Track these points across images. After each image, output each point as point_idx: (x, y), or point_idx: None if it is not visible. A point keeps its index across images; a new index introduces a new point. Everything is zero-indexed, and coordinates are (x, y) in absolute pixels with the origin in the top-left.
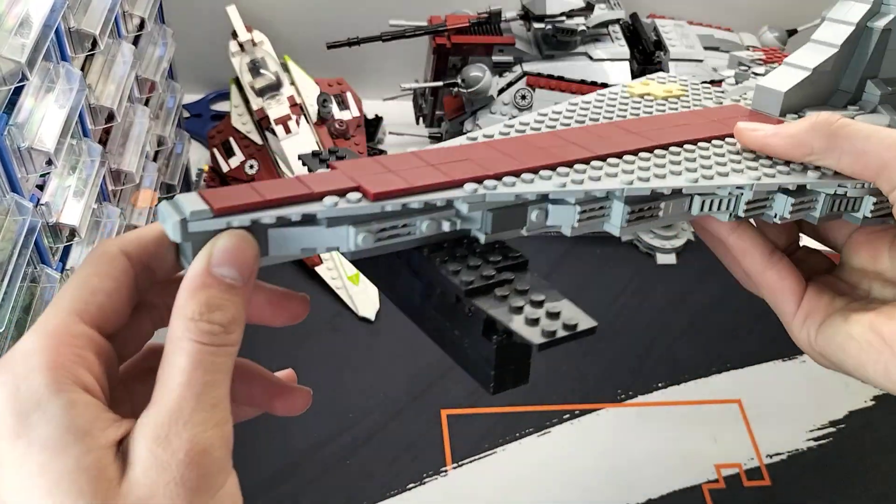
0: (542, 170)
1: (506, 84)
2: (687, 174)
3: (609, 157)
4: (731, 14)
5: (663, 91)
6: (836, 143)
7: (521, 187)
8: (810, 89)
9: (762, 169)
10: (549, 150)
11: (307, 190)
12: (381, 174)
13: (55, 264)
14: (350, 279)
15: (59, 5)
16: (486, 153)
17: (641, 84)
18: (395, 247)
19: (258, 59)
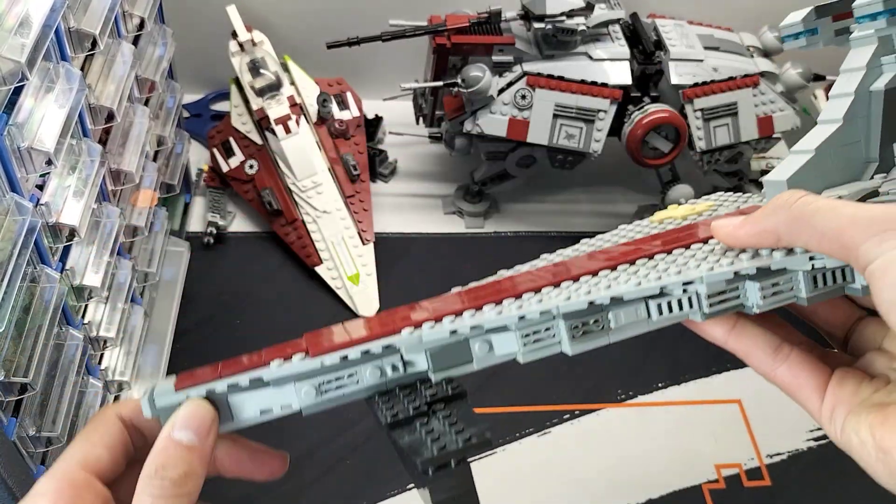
0: (486, 305)
1: (506, 84)
2: (633, 280)
3: (563, 282)
4: (732, 14)
5: (687, 211)
6: (799, 226)
7: (455, 324)
8: (824, 170)
9: (724, 261)
10: (506, 287)
11: (259, 359)
12: (330, 335)
13: (55, 264)
14: (350, 279)
15: (58, 5)
16: (440, 303)
17: (670, 209)
18: (349, 397)
19: (258, 58)
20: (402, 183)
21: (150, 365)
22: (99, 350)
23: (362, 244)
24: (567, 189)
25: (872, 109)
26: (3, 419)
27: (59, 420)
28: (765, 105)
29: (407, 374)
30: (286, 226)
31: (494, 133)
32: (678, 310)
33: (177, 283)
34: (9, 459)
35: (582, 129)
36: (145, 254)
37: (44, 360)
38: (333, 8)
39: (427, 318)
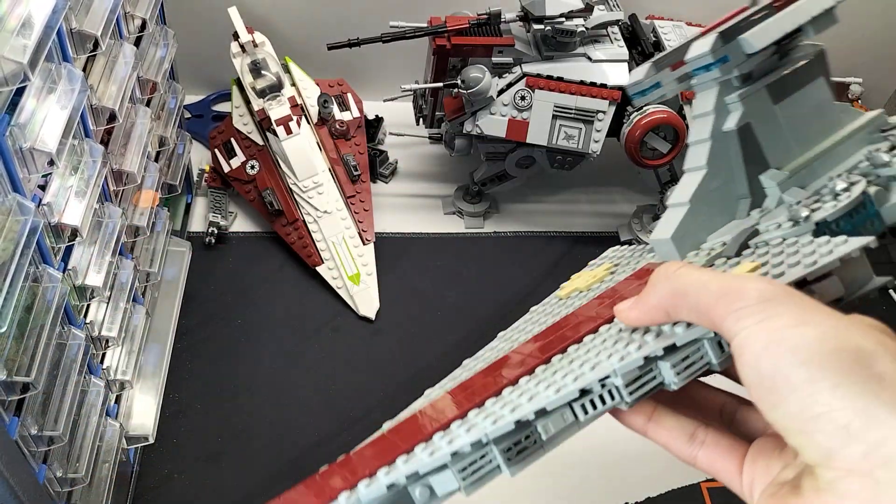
0: (417, 445)
1: (505, 85)
2: (553, 387)
3: (486, 400)
4: None
5: (589, 280)
6: (678, 301)
7: (390, 476)
8: (703, 217)
9: (632, 346)
10: (432, 419)
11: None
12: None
13: (57, 264)
14: (351, 279)
15: (60, 6)
16: (371, 451)
17: (573, 280)
18: None
19: (259, 60)
20: (403, 183)
21: (152, 364)
22: (101, 349)
23: (363, 244)
24: (566, 189)
25: (731, 149)
26: (6, 418)
27: (60, 419)
28: None
29: None
30: (287, 226)
31: (494, 134)
32: (602, 404)
33: (178, 283)
34: (11, 458)
35: (581, 130)
36: (147, 254)
37: (46, 360)
38: (334, 9)
39: (361, 476)
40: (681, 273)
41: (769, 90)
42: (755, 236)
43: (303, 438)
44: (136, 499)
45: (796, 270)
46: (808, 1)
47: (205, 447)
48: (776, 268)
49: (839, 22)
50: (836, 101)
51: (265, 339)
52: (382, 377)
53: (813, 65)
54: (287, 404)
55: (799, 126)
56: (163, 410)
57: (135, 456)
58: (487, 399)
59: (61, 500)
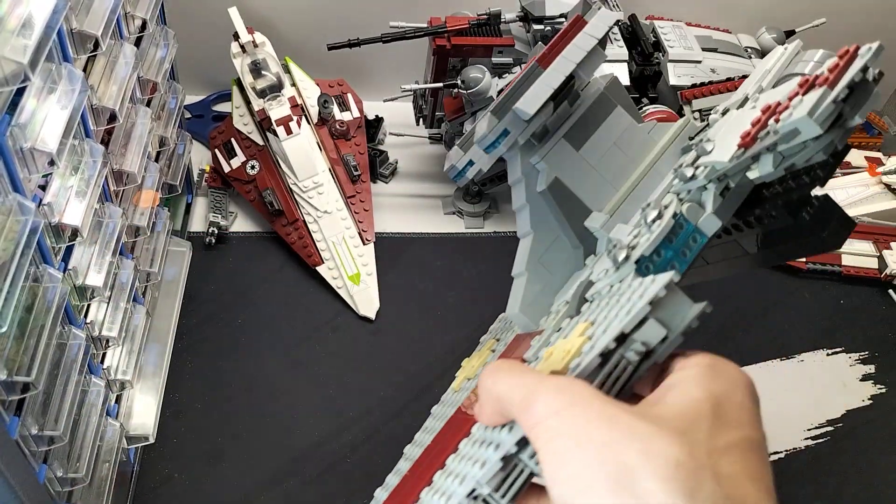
0: None
1: (505, 85)
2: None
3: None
4: (730, 15)
5: (477, 362)
6: (501, 406)
7: None
8: (546, 280)
9: (492, 447)
10: None
11: None
12: None
13: (57, 264)
14: (351, 279)
15: (61, 7)
16: None
17: (462, 370)
18: None
19: (259, 60)
20: (403, 183)
21: (153, 364)
22: (101, 349)
23: (363, 244)
24: None
25: (549, 207)
26: (6, 418)
27: (61, 419)
28: None
29: None
30: (287, 226)
31: None
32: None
33: (179, 283)
34: (11, 458)
35: None
36: (147, 254)
37: (46, 360)
38: (334, 10)
39: None
40: (497, 379)
41: (568, 139)
42: (590, 288)
43: (303, 438)
44: (136, 499)
45: (613, 328)
46: (568, 51)
47: (205, 447)
48: (602, 325)
49: (607, 57)
50: (639, 123)
51: (265, 339)
52: (382, 377)
53: (604, 99)
54: (287, 404)
55: (609, 162)
56: (163, 410)
57: (135, 456)
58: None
59: (61, 499)
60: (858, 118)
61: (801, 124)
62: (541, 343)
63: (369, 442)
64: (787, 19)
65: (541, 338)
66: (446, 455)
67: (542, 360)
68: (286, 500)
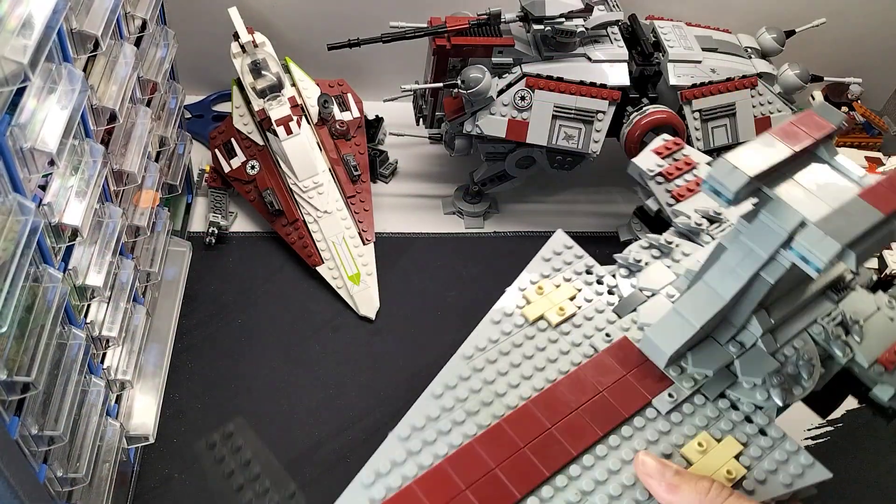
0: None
1: (505, 85)
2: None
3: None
4: (730, 15)
5: (552, 306)
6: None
7: None
8: (699, 334)
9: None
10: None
11: None
12: None
13: (57, 264)
14: (351, 279)
15: (61, 7)
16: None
17: (534, 295)
18: None
19: (259, 60)
20: (403, 183)
21: (153, 364)
22: (101, 349)
23: (363, 244)
24: (566, 189)
25: (757, 291)
26: (6, 418)
27: (61, 419)
28: (763, 106)
29: None
30: (287, 226)
31: (494, 134)
32: None
33: (179, 283)
34: (11, 458)
35: (581, 130)
36: (147, 254)
37: (46, 360)
38: (334, 10)
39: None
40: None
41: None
42: (733, 386)
43: (303, 438)
44: (136, 499)
45: (772, 488)
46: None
47: (205, 447)
48: (757, 472)
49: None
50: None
51: (265, 338)
52: (382, 377)
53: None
54: (287, 404)
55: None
56: (163, 410)
57: (135, 456)
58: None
59: (62, 499)
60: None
61: None
62: (685, 416)
63: (369, 442)
64: (787, 19)
65: (680, 423)
66: (559, 464)
67: (694, 464)
68: (286, 500)
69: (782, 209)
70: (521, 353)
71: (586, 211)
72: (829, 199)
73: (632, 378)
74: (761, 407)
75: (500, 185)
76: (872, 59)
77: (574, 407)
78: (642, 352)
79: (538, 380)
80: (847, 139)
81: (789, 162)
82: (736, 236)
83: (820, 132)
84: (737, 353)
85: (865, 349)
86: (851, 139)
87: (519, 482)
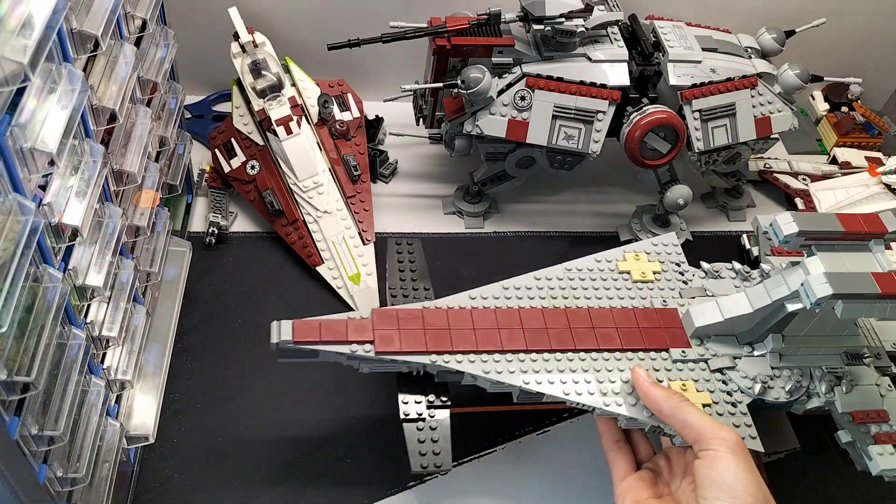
0: (484, 353)
1: (505, 85)
2: (560, 384)
3: (533, 352)
4: (730, 15)
5: (640, 271)
6: (674, 415)
7: (458, 365)
8: (722, 327)
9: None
10: (502, 335)
11: (344, 336)
12: (391, 332)
13: (57, 264)
14: (351, 279)
15: (60, 7)
16: (466, 329)
17: (631, 258)
18: (389, 369)
19: (259, 60)
20: (403, 183)
21: (153, 364)
22: (101, 349)
23: (363, 244)
24: (567, 189)
25: (777, 313)
26: (6, 418)
27: (61, 419)
28: (762, 106)
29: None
30: (287, 226)
31: (494, 134)
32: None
33: (179, 283)
34: (11, 458)
35: (581, 130)
36: (147, 254)
37: (46, 360)
38: (334, 10)
39: (444, 350)
40: (684, 402)
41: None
42: (730, 370)
43: (303, 438)
44: (136, 499)
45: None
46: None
47: (205, 447)
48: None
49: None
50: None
51: (265, 339)
52: (382, 377)
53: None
54: (287, 404)
55: (821, 325)
56: (163, 410)
57: (135, 456)
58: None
59: (62, 499)
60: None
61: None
62: (686, 367)
63: (369, 442)
64: (787, 19)
65: (687, 362)
66: (595, 347)
67: (686, 391)
68: (286, 500)
69: (814, 262)
70: (601, 283)
71: (586, 211)
72: (850, 268)
73: (664, 331)
74: (742, 391)
75: (500, 185)
76: (872, 59)
77: (614, 326)
78: (681, 321)
79: (600, 302)
80: (847, 139)
81: (840, 239)
82: (779, 272)
83: (874, 229)
84: (746, 354)
85: (846, 399)
86: (851, 139)
87: (542, 342)
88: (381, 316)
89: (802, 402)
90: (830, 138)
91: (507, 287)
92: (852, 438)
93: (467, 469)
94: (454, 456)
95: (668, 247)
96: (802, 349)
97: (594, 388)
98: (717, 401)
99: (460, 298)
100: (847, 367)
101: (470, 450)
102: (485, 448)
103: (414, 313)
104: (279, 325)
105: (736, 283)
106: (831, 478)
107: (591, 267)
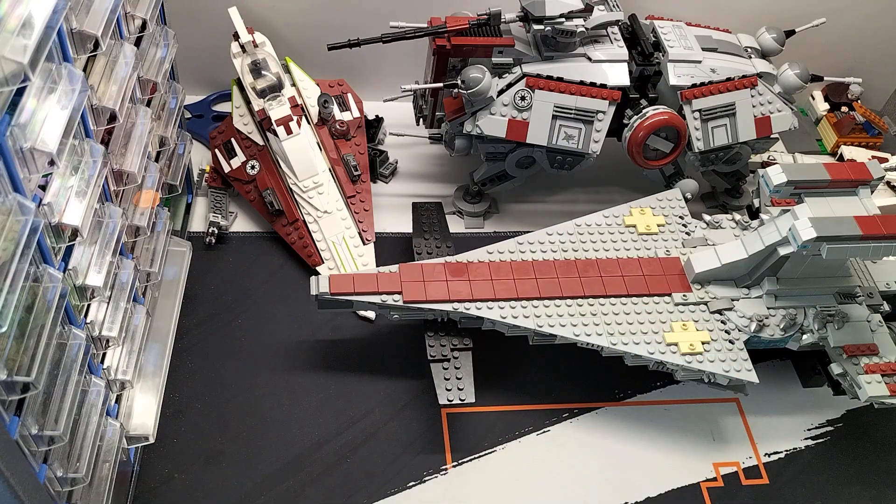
0: (501, 300)
1: (505, 85)
2: (571, 327)
3: (545, 299)
4: (729, 15)
5: (645, 224)
6: None
7: (478, 311)
8: (720, 272)
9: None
10: (518, 284)
11: (375, 288)
12: (417, 284)
13: (57, 264)
14: None
15: (61, 6)
16: (484, 280)
17: (637, 213)
18: (416, 316)
19: (259, 60)
20: (403, 183)
21: (152, 364)
22: (101, 349)
23: (363, 244)
24: (567, 189)
25: (771, 257)
26: (6, 418)
27: (61, 419)
28: (763, 105)
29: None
30: (287, 226)
31: (494, 134)
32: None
33: (179, 283)
34: (11, 458)
35: (581, 130)
36: (147, 254)
37: (46, 360)
38: (334, 10)
39: (469, 299)
40: None
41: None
42: (730, 310)
43: (303, 438)
44: (136, 499)
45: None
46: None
47: (205, 447)
48: (708, 356)
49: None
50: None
51: (265, 339)
52: (382, 377)
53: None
54: (287, 404)
55: (814, 268)
56: (163, 410)
57: (135, 456)
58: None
59: (62, 499)
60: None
61: None
62: (687, 310)
63: (369, 442)
64: (787, 19)
65: (689, 304)
66: (602, 293)
67: (674, 332)
68: (286, 500)
69: (802, 208)
70: (609, 237)
71: (586, 211)
72: (836, 213)
73: (667, 278)
74: (740, 329)
75: (500, 185)
76: (872, 59)
77: (620, 274)
78: (683, 268)
79: (608, 254)
80: (847, 139)
81: (828, 187)
82: (771, 219)
83: (860, 176)
84: (743, 296)
85: (838, 335)
86: (851, 139)
87: (554, 290)
88: (407, 270)
89: (797, 339)
90: (830, 138)
91: (521, 242)
92: (843, 370)
93: (466, 469)
94: (454, 456)
95: (672, 201)
96: (797, 290)
97: (602, 330)
98: (715, 339)
99: (479, 253)
100: (839, 306)
101: (470, 449)
102: (484, 448)
103: (437, 267)
104: (317, 280)
105: (735, 232)
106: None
107: (600, 222)
